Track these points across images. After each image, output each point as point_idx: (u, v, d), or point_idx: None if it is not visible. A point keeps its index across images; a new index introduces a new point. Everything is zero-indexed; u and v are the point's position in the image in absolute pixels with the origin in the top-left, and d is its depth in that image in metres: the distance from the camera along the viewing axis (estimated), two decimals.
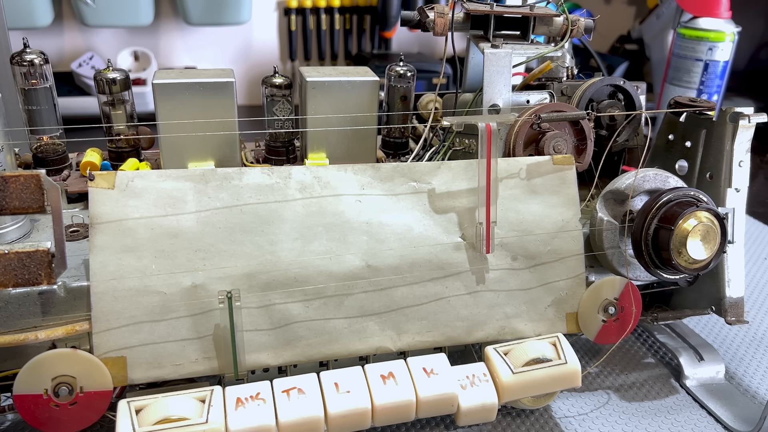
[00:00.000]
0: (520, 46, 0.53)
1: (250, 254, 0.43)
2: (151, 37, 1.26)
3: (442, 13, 0.51)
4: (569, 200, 0.49)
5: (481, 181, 0.47)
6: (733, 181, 0.52)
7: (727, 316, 0.53)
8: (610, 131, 0.56)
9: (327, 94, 0.53)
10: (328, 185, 0.45)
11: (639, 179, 0.50)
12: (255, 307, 0.43)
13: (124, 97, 0.55)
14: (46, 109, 0.52)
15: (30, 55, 0.51)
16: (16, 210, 0.37)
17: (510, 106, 0.53)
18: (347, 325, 0.44)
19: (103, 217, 0.41)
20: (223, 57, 1.32)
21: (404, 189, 0.47)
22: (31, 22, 1.09)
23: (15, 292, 0.39)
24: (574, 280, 0.49)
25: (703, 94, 1.07)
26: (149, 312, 0.41)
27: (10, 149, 0.47)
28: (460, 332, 0.47)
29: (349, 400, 0.40)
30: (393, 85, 0.61)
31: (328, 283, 0.44)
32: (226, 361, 0.42)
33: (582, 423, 0.51)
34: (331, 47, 1.36)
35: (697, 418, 0.52)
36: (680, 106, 0.56)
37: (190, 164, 0.52)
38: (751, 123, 0.50)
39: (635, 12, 1.50)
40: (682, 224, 0.46)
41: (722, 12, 1.04)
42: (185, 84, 0.49)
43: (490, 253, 0.47)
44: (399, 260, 0.45)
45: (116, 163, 0.55)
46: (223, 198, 0.43)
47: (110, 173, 0.41)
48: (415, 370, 0.43)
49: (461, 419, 0.43)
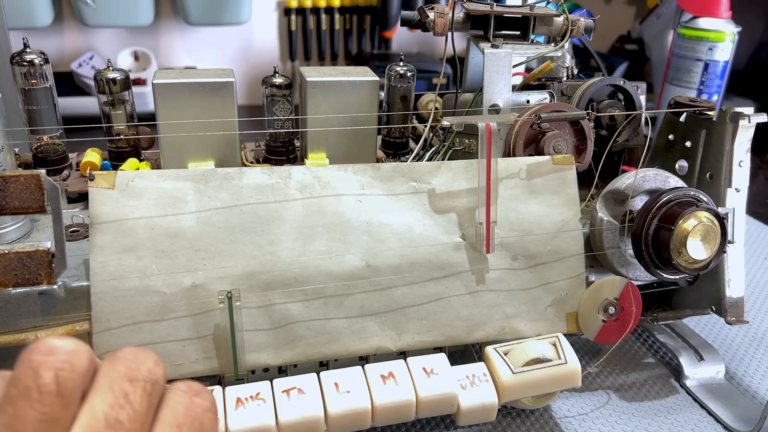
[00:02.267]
0: (520, 46, 0.53)
1: (250, 254, 0.43)
2: (151, 37, 1.26)
3: (442, 13, 0.51)
4: (569, 200, 0.49)
5: (481, 181, 0.47)
6: (733, 181, 0.52)
7: (727, 316, 0.53)
8: (610, 131, 0.56)
9: (327, 94, 0.53)
10: (328, 185, 0.45)
11: (639, 179, 0.50)
12: (255, 307, 0.43)
13: (124, 97, 0.55)
14: (46, 109, 0.52)
15: (30, 55, 0.51)
16: (16, 210, 0.37)
17: (510, 106, 0.53)
18: (347, 325, 0.44)
19: (103, 217, 0.41)
20: (223, 57, 1.32)
21: (404, 189, 0.47)
22: (31, 22, 1.09)
23: (15, 292, 0.39)
24: (574, 280, 0.49)
25: (703, 94, 1.07)
26: (149, 312, 0.41)
27: (10, 149, 0.47)
28: (460, 332, 0.47)
29: (349, 400, 0.40)
30: (393, 85, 0.61)
31: (328, 283, 0.44)
32: (226, 361, 0.42)
33: (582, 423, 0.51)
34: (331, 47, 1.36)
35: (697, 418, 0.52)
36: (680, 106, 0.56)
37: (190, 164, 0.52)
38: (751, 123, 0.50)
39: (635, 12, 1.50)
40: (682, 224, 0.46)
41: (722, 12, 1.04)
42: (185, 84, 0.49)
43: (490, 253, 0.47)
44: (399, 260, 0.45)
45: (116, 163, 0.55)
46: (223, 198, 0.43)
47: (110, 173, 0.41)
48: (415, 370, 0.42)
49: (461, 419, 0.43)
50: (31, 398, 0.21)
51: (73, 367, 0.22)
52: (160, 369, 0.25)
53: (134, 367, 0.24)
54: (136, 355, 0.24)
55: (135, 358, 0.24)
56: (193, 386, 0.26)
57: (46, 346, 0.22)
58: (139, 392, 0.23)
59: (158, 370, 0.24)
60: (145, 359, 0.24)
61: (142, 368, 0.24)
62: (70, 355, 0.22)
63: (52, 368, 0.22)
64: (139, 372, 0.24)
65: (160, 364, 0.25)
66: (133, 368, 0.24)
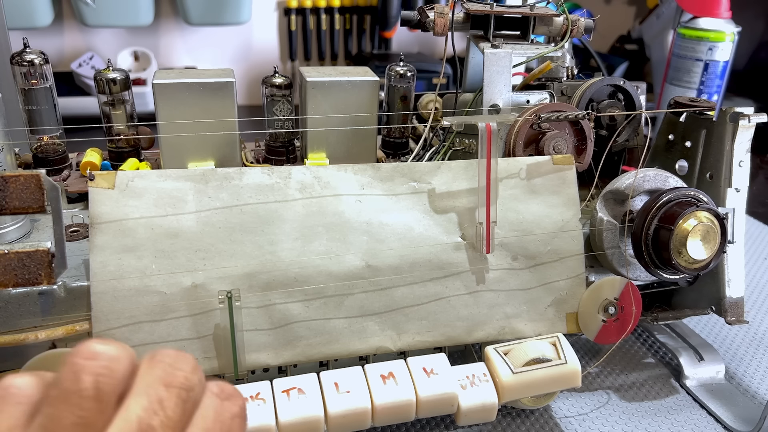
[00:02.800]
0: (520, 46, 0.53)
1: (250, 254, 0.43)
2: (151, 37, 1.26)
3: (442, 13, 0.51)
4: (569, 200, 0.49)
5: (481, 181, 0.47)
6: (733, 181, 0.52)
7: (727, 316, 0.53)
8: (610, 131, 0.56)
9: (327, 94, 0.53)
10: (328, 185, 0.45)
11: (639, 179, 0.50)
12: (255, 307, 0.43)
13: (124, 97, 0.55)
14: (46, 109, 0.52)
15: (30, 55, 0.51)
16: (16, 210, 0.37)
17: (510, 106, 0.53)
18: (347, 325, 0.44)
19: (103, 217, 0.41)
20: (223, 57, 1.31)
21: (404, 189, 0.47)
22: (31, 22, 1.09)
23: (15, 292, 0.39)
24: (574, 280, 0.49)
25: (703, 94, 1.07)
26: (149, 312, 0.41)
27: (10, 149, 0.47)
28: (460, 332, 0.47)
29: (349, 400, 0.40)
30: (393, 85, 0.61)
31: (328, 283, 0.44)
32: (226, 361, 0.42)
33: (582, 423, 0.51)
34: (331, 47, 1.36)
35: (697, 418, 0.52)
36: (680, 106, 0.56)
37: (190, 164, 0.52)
38: (751, 123, 0.50)
39: (635, 12, 1.50)
40: (682, 224, 0.46)
41: (722, 12, 1.04)
42: (185, 84, 0.49)
43: (490, 253, 0.47)
44: (399, 260, 0.45)
45: (116, 163, 0.55)
46: (223, 198, 0.43)
47: (110, 173, 0.41)
48: (415, 370, 0.42)
49: (461, 419, 0.43)
50: (70, 402, 0.21)
51: (113, 373, 0.22)
52: (197, 376, 0.24)
53: (171, 372, 0.24)
54: (174, 360, 0.24)
55: (173, 362, 0.24)
56: (226, 389, 0.25)
57: (89, 351, 0.22)
58: (174, 399, 0.23)
59: (195, 377, 0.24)
60: (183, 365, 0.24)
61: (179, 374, 0.24)
62: (110, 361, 0.22)
63: (93, 373, 0.22)
64: (176, 378, 0.23)
65: (198, 371, 0.25)
66: (170, 373, 0.23)
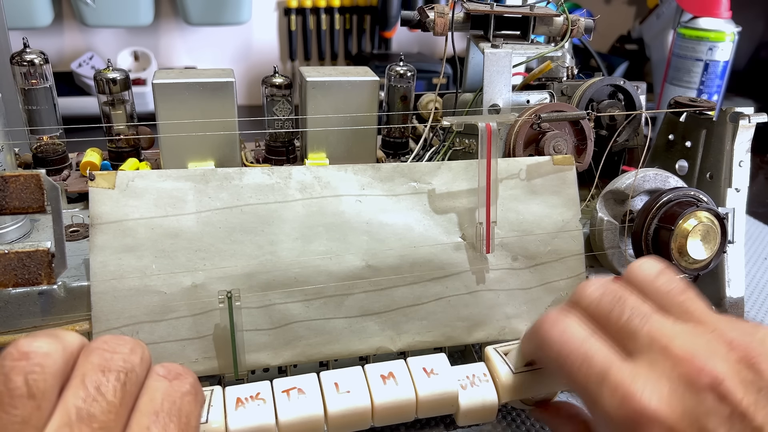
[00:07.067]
0: (520, 46, 0.53)
1: (250, 254, 0.43)
2: (151, 37, 1.26)
3: (442, 13, 0.51)
4: (569, 200, 0.49)
5: (481, 181, 0.47)
6: (733, 181, 0.52)
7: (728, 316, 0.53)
8: (610, 131, 0.56)
9: (327, 94, 0.53)
10: (328, 185, 0.45)
11: (639, 179, 0.50)
12: (255, 307, 0.43)
13: (124, 97, 0.55)
14: (46, 109, 0.52)
15: (30, 55, 0.51)
16: (16, 210, 0.37)
17: (510, 106, 0.53)
18: (347, 325, 0.44)
19: (103, 217, 0.41)
20: (223, 57, 1.31)
21: (404, 189, 0.47)
22: (31, 22, 1.09)
23: (15, 292, 0.39)
24: (575, 280, 0.49)
25: (703, 94, 1.07)
26: (149, 312, 0.41)
27: (10, 149, 0.47)
28: (460, 332, 0.47)
29: (349, 400, 0.40)
30: (393, 85, 0.61)
31: (328, 283, 0.44)
32: (226, 361, 0.42)
33: None
34: (331, 47, 1.36)
35: None
36: (680, 106, 0.56)
37: (190, 164, 0.52)
38: (751, 123, 0.50)
39: (635, 12, 1.50)
40: (682, 224, 0.46)
41: (722, 12, 1.04)
42: (185, 84, 0.49)
43: (490, 253, 0.47)
44: (399, 260, 0.45)
45: (116, 163, 0.55)
46: (224, 198, 0.43)
47: (110, 173, 0.41)
48: (415, 370, 0.42)
49: (461, 419, 0.43)
50: (2, 402, 0.21)
51: (44, 368, 0.22)
52: (137, 356, 0.24)
53: (108, 357, 0.24)
54: (110, 345, 0.24)
55: (109, 347, 0.24)
56: (173, 369, 0.25)
57: (18, 351, 0.22)
58: (113, 382, 0.23)
59: (134, 357, 0.24)
60: (119, 347, 0.24)
61: (116, 357, 0.24)
62: (40, 358, 0.22)
63: (23, 372, 0.22)
64: (113, 362, 0.23)
65: (137, 351, 0.24)
66: (107, 358, 0.23)
